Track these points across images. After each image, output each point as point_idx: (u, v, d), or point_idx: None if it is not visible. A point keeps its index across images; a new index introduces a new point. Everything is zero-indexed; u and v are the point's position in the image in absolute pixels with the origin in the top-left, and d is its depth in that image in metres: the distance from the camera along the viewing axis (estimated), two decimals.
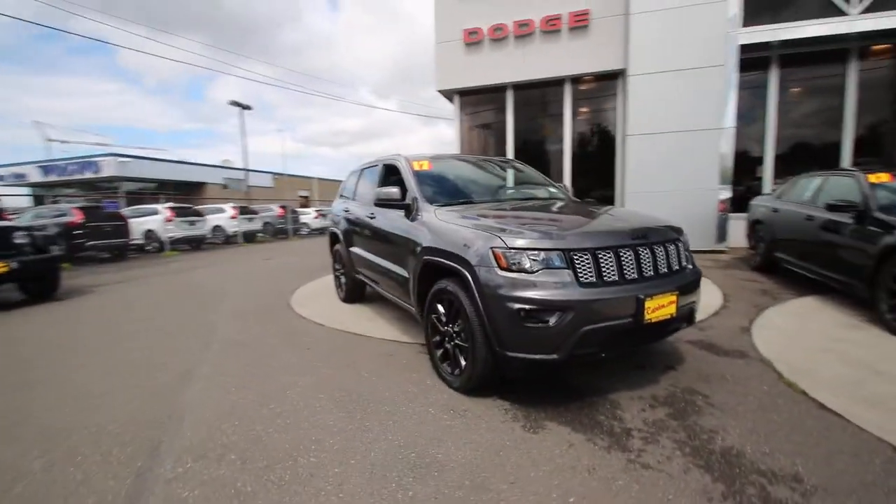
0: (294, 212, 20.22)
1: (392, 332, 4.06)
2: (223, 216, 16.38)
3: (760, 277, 5.88)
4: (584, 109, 9.49)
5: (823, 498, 1.73)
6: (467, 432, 2.31)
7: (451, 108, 10.27)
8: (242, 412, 2.61)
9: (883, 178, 4.33)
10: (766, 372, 2.96)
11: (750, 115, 8.36)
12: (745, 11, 7.54)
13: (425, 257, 3.03)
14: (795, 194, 5.60)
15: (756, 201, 6.71)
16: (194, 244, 14.70)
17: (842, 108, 7.98)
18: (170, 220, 13.15)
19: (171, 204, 13.79)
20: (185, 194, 25.38)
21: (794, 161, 8.23)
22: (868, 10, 7.00)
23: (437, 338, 3.00)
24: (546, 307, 2.31)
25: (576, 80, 9.19)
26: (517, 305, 2.35)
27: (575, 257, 2.41)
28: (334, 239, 5.45)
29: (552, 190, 4.14)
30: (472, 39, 9.32)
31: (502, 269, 2.42)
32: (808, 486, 1.80)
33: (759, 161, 8.50)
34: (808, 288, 5.07)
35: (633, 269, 2.51)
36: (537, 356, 2.39)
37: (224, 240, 16.38)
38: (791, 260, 5.35)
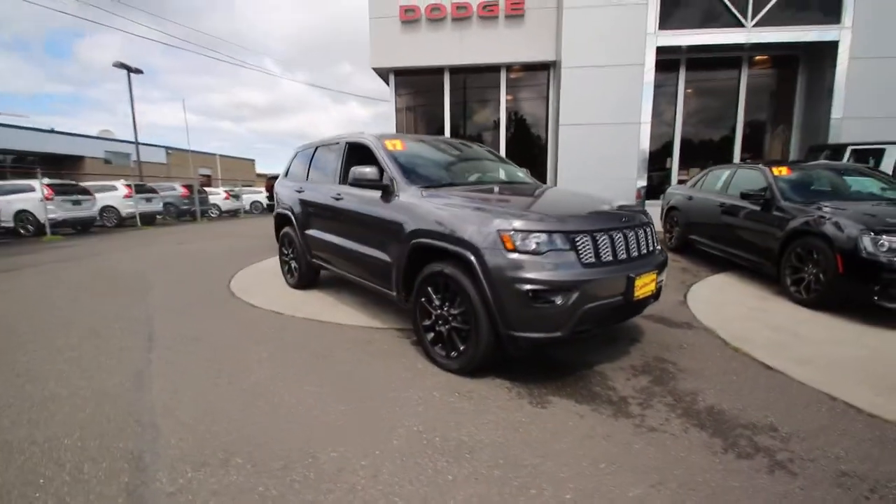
0: (202, 191, 18.32)
1: (362, 318, 3.93)
2: (115, 195, 14.32)
3: (677, 257, 6.63)
4: (518, 97, 9.81)
5: (799, 441, 2.06)
6: (481, 413, 2.34)
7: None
8: (226, 412, 2.37)
9: (784, 171, 5.11)
10: (713, 339, 3.39)
11: (662, 112, 9.27)
12: (661, 16, 8.28)
13: (415, 240, 2.96)
14: (708, 184, 6.38)
15: (671, 190, 7.51)
16: (81, 227, 12.70)
17: (735, 109, 9.20)
18: (49, 199, 11.18)
19: (48, 180, 11.69)
20: (55, 169, 21.67)
21: (696, 155, 9.34)
22: (759, 24, 8.09)
23: (427, 322, 2.97)
24: (554, 287, 2.40)
25: (511, 67, 9.43)
26: (526, 286, 2.41)
27: (576, 239, 2.52)
28: (283, 222, 5.08)
29: (520, 174, 4.25)
30: (409, 17, 9.09)
31: (510, 251, 2.46)
32: (784, 433, 2.12)
33: (669, 154, 9.50)
34: (719, 266, 5.84)
35: (623, 250, 2.70)
36: (542, 335, 2.48)
37: (117, 222, 14.36)
38: (705, 242, 6.11)
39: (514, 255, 2.45)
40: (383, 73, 9.81)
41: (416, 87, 10.02)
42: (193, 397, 2.54)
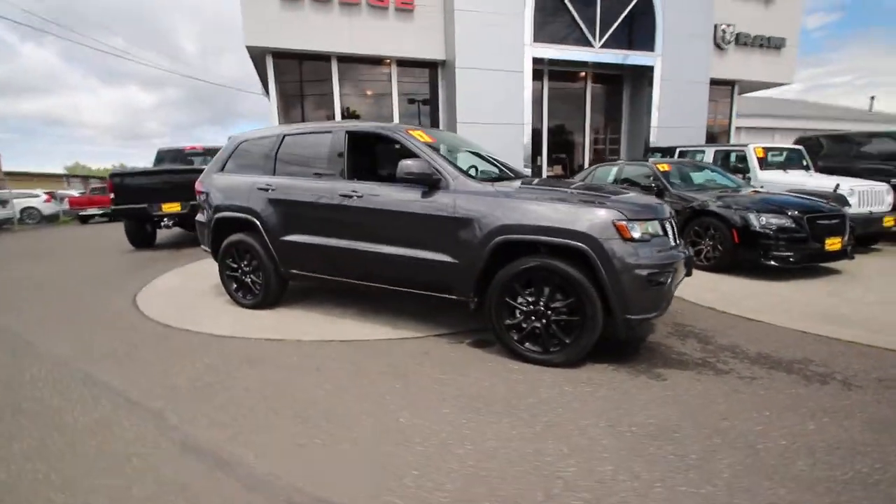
0: None
1: (385, 330, 3.52)
2: None
3: None
4: (410, 93, 9.76)
5: (823, 365, 2.78)
6: (631, 395, 2.45)
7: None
8: (397, 467, 1.92)
9: (665, 167, 6.46)
10: (685, 304, 4.16)
11: (535, 115, 10.50)
12: (535, 30, 9.34)
13: (502, 237, 2.83)
14: (599, 178, 7.57)
15: None
16: None
17: (584, 115, 11.02)
18: None
19: None
20: None
21: (558, 153, 10.89)
22: (603, 45, 9.86)
23: (510, 321, 2.90)
24: (664, 269, 2.67)
25: (402, 62, 9.33)
26: (645, 272, 2.60)
27: (665, 225, 2.82)
28: (230, 228, 4.09)
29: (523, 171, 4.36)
30: None
31: (627, 240, 2.61)
32: (817, 361, 2.83)
33: (539, 152, 10.82)
34: None
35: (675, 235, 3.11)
36: (651, 314, 2.73)
37: None
38: None
39: (630, 244, 2.61)
40: (258, 55, 8.54)
41: (300, 72, 9.01)
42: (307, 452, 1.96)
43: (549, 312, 2.79)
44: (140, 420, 2.28)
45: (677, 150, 8.62)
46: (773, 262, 4.85)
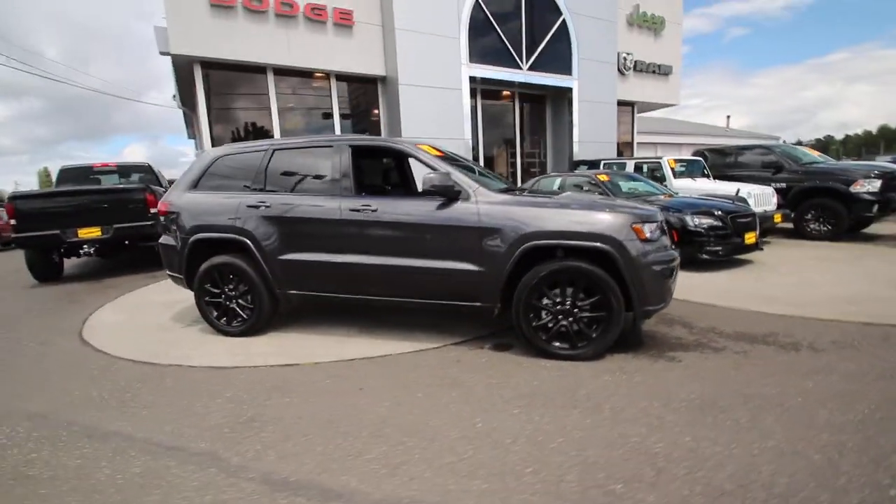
0: None
1: (399, 344, 3.47)
2: None
3: None
4: (350, 109, 9.61)
5: (790, 336, 3.37)
6: (666, 377, 2.74)
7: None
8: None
9: (604, 177, 7.18)
10: None
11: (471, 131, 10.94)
12: (469, 51, 9.81)
13: (529, 243, 2.99)
14: (544, 187, 8.14)
15: None
16: None
17: (513, 132, 11.75)
18: None
19: None
20: None
21: (492, 166, 11.44)
22: (530, 68, 10.66)
23: (537, 322, 3.08)
24: (674, 265, 3.04)
25: (342, 77, 9.19)
26: (659, 267, 2.96)
27: (664, 227, 3.22)
28: (210, 250, 3.75)
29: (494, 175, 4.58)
30: (221, 1, 7.63)
31: (643, 241, 2.94)
32: (782, 333, 3.41)
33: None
34: None
35: None
36: (662, 305, 3.08)
37: None
38: None
39: (645, 244, 2.94)
40: (184, 64, 7.83)
41: (231, 85, 8.42)
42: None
43: (576, 311, 3.01)
44: (195, 465, 2.03)
45: (602, 163, 9.58)
46: (706, 256, 5.64)
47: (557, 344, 3.08)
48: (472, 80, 10.02)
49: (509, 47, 10.30)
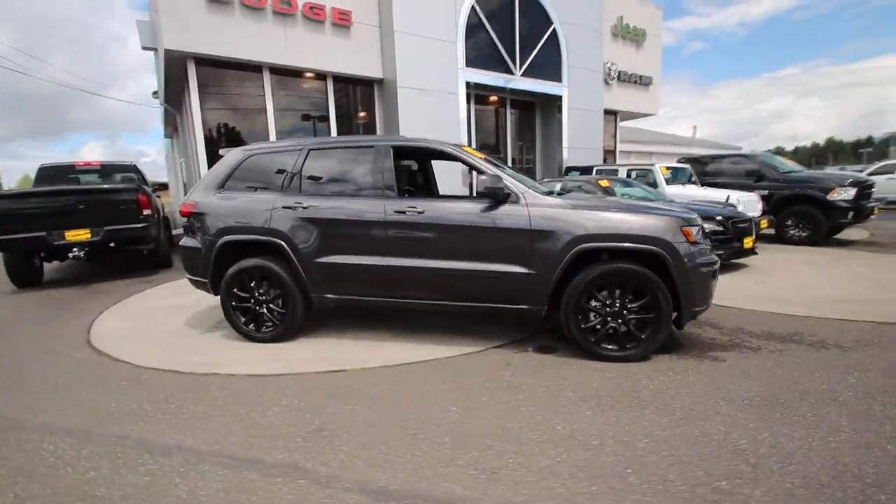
0: None
1: (439, 349, 3.43)
2: None
3: None
4: (347, 111, 9.47)
5: (810, 335, 3.54)
6: (718, 377, 2.82)
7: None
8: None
9: (606, 182, 7.36)
10: None
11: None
12: (467, 56, 9.88)
13: (581, 245, 3.03)
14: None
15: None
16: None
17: (506, 136, 11.88)
18: None
19: None
20: None
21: None
22: (524, 74, 10.83)
23: (585, 324, 3.12)
24: (715, 266, 3.14)
25: (338, 78, 9.05)
26: (706, 269, 3.05)
27: (704, 229, 3.32)
28: (240, 253, 3.60)
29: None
30: None
31: (692, 243, 3.02)
32: (801, 332, 3.58)
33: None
34: None
35: None
36: (706, 306, 3.18)
37: None
38: None
39: (693, 246, 3.03)
40: (178, 60, 7.51)
41: (225, 83, 8.13)
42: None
43: (625, 312, 3.07)
44: (283, 477, 1.94)
45: (595, 169, 9.81)
46: None
47: (607, 346, 3.12)
48: (468, 84, 10.09)
49: (503, 53, 10.43)
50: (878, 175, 13.45)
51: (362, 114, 9.69)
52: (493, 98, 11.54)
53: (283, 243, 3.47)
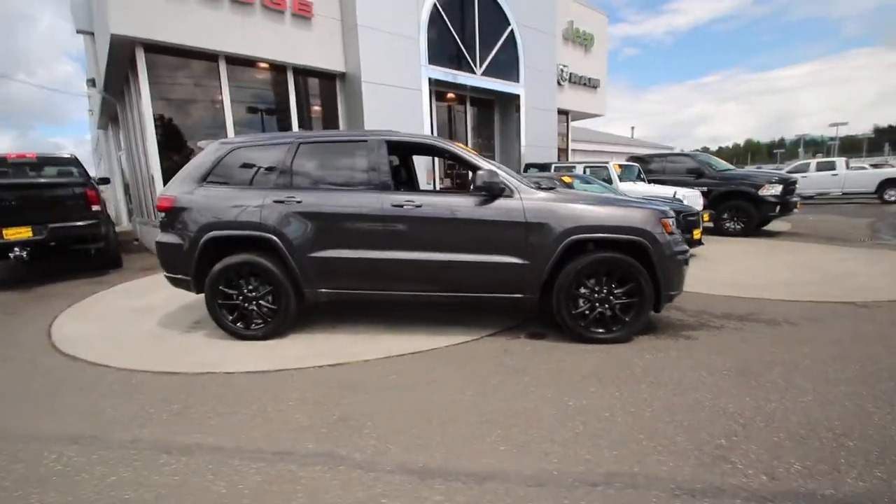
0: None
1: (436, 339, 3.53)
2: None
3: None
4: (309, 104, 9.21)
5: (762, 314, 4.01)
6: (695, 352, 3.14)
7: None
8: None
9: (568, 179, 7.74)
10: None
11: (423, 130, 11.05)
12: (429, 53, 9.93)
13: (572, 237, 3.24)
14: None
15: None
16: None
17: (465, 134, 12.07)
18: None
19: None
20: None
21: (446, 168, 11.67)
22: (484, 73, 11.05)
23: (575, 310, 3.34)
24: (688, 255, 3.47)
25: (299, 70, 8.79)
26: (681, 257, 3.37)
27: (678, 219, 3.65)
28: (226, 248, 3.49)
29: None
30: None
31: (668, 233, 3.32)
32: (760, 313, 4.04)
33: (431, 165, 11.39)
34: None
35: None
36: (680, 290, 3.50)
37: None
38: None
39: (670, 236, 3.34)
40: (125, 46, 6.97)
41: (177, 72, 7.64)
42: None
43: (611, 298, 3.32)
44: (322, 466, 1.96)
45: (553, 166, 10.25)
46: None
47: (596, 329, 3.36)
48: (430, 81, 10.15)
49: (464, 52, 10.60)
50: (793, 174, 15.07)
51: (324, 108, 9.48)
52: (453, 95, 11.68)
53: (275, 238, 3.41)
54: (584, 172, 9.51)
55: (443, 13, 10.04)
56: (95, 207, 5.95)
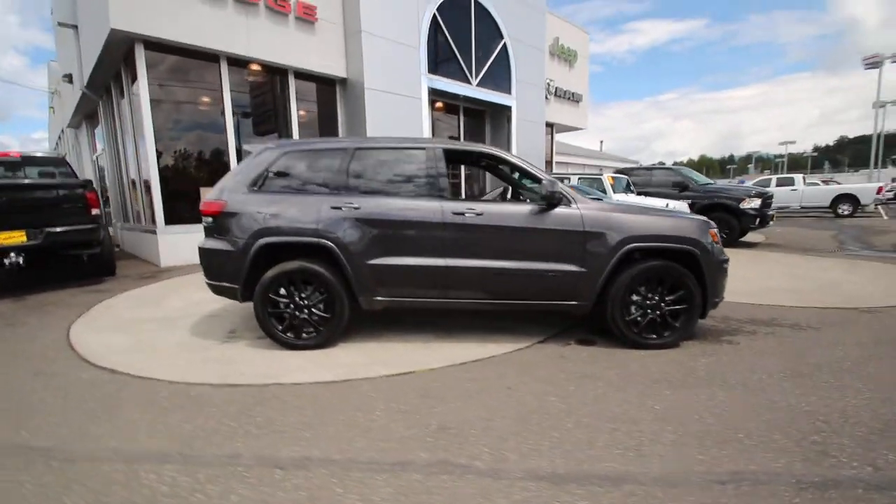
0: None
1: (488, 347, 3.55)
2: None
3: None
4: (309, 109, 9.05)
5: (797, 320, 4.28)
6: (741, 357, 3.30)
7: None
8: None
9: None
10: None
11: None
12: (428, 62, 10.01)
13: (629, 245, 3.36)
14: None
15: None
16: None
17: (459, 139, 12.18)
18: None
19: None
20: None
21: None
22: (479, 84, 11.23)
23: (628, 316, 3.46)
24: (728, 263, 3.67)
25: (301, 74, 8.65)
26: (725, 265, 3.56)
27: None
28: (280, 255, 3.39)
29: None
30: None
31: (715, 243, 3.51)
32: (799, 321, 4.30)
33: None
34: None
35: None
36: (722, 297, 3.68)
37: None
38: None
39: (716, 246, 3.52)
40: (121, 42, 6.64)
41: (180, 72, 7.34)
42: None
43: (662, 304, 3.46)
44: (448, 475, 1.94)
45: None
46: None
47: (648, 335, 3.48)
48: (430, 90, 10.22)
49: (461, 62, 10.75)
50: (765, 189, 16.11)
51: (324, 113, 9.35)
52: (444, 104, 11.80)
53: (332, 245, 3.35)
54: (577, 183, 9.83)
55: (442, 25, 10.17)
56: (95, 211, 5.61)
